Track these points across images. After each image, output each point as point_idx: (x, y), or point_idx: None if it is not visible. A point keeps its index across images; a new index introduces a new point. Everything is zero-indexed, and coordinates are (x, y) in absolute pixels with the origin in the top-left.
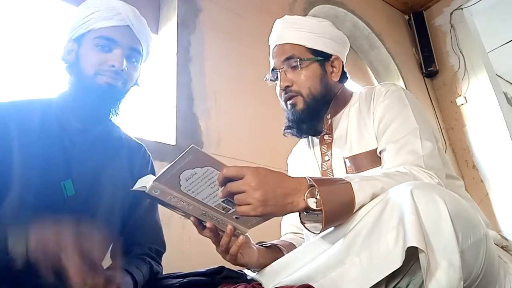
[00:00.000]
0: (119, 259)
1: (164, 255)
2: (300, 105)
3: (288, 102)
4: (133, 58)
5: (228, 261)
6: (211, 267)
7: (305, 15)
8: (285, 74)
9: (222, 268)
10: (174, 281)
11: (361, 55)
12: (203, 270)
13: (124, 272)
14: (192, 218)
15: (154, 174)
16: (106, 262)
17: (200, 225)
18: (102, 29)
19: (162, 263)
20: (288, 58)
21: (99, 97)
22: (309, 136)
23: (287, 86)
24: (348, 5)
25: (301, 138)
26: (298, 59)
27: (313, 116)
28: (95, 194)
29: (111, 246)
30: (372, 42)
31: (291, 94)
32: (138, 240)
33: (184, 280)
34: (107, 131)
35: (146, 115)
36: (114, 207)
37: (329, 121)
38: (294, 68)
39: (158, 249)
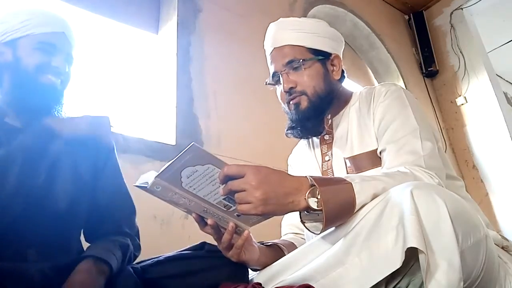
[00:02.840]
0: (93, 246)
1: (164, 254)
2: (304, 103)
3: (292, 102)
4: (69, 63)
5: (229, 258)
6: (193, 245)
7: (305, 15)
8: (288, 76)
9: (203, 244)
10: (160, 258)
11: (361, 55)
12: (185, 248)
13: (99, 260)
14: (194, 214)
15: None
16: (84, 245)
17: (201, 221)
18: (42, 34)
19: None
20: (290, 61)
21: (43, 93)
22: (310, 137)
23: (291, 88)
24: (348, 5)
25: (304, 138)
26: (301, 60)
27: (317, 114)
28: (46, 188)
29: (82, 231)
30: (372, 42)
31: (295, 95)
32: (109, 219)
33: (169, 254)
34: (48, 126)
35: (146, 115)
36: (70, 196)
37: (330, 121)
38: (296, 69)
39: (128, 221)
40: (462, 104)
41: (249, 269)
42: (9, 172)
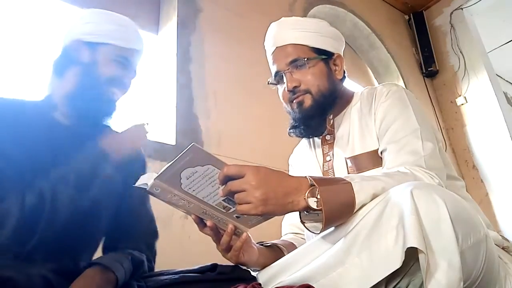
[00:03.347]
0: (104, 255)
1: (164, 254)
2: (308, 102)
3: (295, 101)
4: (133, 79)
5: (228, 259)
6: (204, 265)
7: (305, 15)
8: (291, 75)
9: (215, 265)
10: (165, 277)
11: (361, 55)
12: (196, 267)
13: (105, 269)
14: (193, 216)
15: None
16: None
17: (201, 223)
18: (122, 48)
19: (162, 262)
20: (294, 59)
21: (104, 104)
22: (312, 136)
23: (295, 87)
24: (348, 5)
25: (308, 138)
26: (306, 58)
27: (321, 113)
28: (82, 193)
29: (102, 241)
30: (372, 42)
31: (299, 94)
32: (128, 234)
33: (176, 277)
34: (96, 133)
35: (146, 115)
36: (98, 204)
37: (331, 121)
38: (300, 68)
39: (148, 242)
40: (462, 104)
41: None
42: (61, 192)
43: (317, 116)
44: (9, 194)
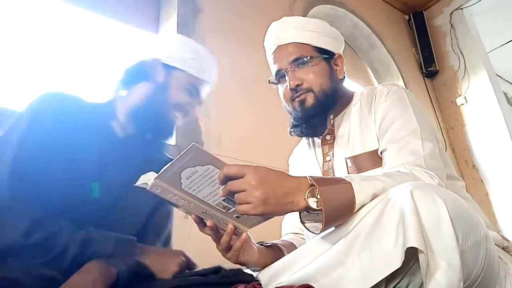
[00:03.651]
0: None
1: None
2: (311, 100)
3: (297, 100)
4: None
5: (228, 259)
6: (208, 267)
7: (305, 15)
8: (293, 73)
9: (218, 268)
10: (169, 280)
11: (361, 55)
12: (199, 270)
13: (106, 263)
14: (193, 215)
15: None
16: None
17: (201, 222)
18: (196, 78)
19: None
20: (297, 58)
21: (164, 126)
22: (314, 135)
23: (298, 85)
24: (348, 5)
25: (308, 137)
26: (309, 57)
27: (323, 112)
28: (117, 202)
29: None
30: (372, 42)
31: (302, 92)
32: (145, 242)
33: (179, 279)
34: (146, 148)
35: None
36: (132, 216)
37: (332, 121)
38: (303, 66)
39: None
40: (462, 104)
41: (249, 270)
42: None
43: (319, 115)
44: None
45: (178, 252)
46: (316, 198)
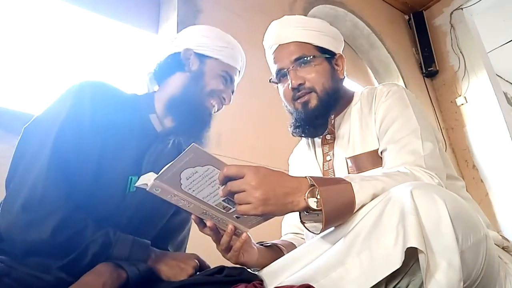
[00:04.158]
0: None
1: None
2: (314, 101)
3: (299, 101)
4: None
5: (228, 259)
6: (211, 269)
7: (305, 15)
8: (295, 72)
9: (222, 268)
10: (174, 280)
11: (361, 55)
12: (203, 271)
13: (116, 266)
14: (193, 216)
15: None
16: None
17: (201, 223)
18: (228, 65)
19: None
20: (299, 57)
21: (201, 113)
22: (316, 136)
23: (300, 84)
24: (348, 5)
25: (312, 138)
26: (311, 56)
27: (326, 112)
28: (148, 198)
29: None
30: (372, 42)
31: (304, 92)
32: (160, 244)
33: (183, 280)
34: (176, 147)
35: None
36: (159, 214)
37: (332, 121)
38: (305, 66)
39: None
40: (462, 104)
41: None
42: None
43: (322, 115)
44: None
45: (192, 256)
46: (316, 198)
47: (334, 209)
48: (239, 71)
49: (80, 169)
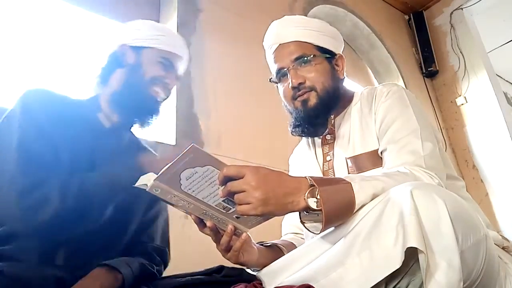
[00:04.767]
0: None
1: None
2: (313, 100)
3: (299, 99)
4: (175, 83)
5: (228, 259)
6: (211, 267)
7: (305, 15)
8: (296, 72)
9: (221, 267)
10: (173, 280)
11: (361, 55)
12: (202, 270)
13: (111, 268)
14: (193, 216)
15: None
16: None
17: (201, 223)
18: (166, 52)
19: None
20: (299, 57)
21: (146, 102)
22: (316, 135)
23: (300, 83)
24: (348, 5)
25: (309, 137)
26: (312, 55)
27: (326, 111)
28: (108, 194)
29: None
30: (372, 42)
31: (304, 91)
32: (143, 239)
33: (183, 279)
34: (132, 140)
35: None
36: (127, 208)
37: (332, 121)
38: (305, 65)
39: (159, 248)
40: (462, 104)
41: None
42: (90, 194)
43: (321, 114)
44: (49, 181)
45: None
46: (316, 198)
47: (334, 209)
48: (181, 57)
49: (42, 171)
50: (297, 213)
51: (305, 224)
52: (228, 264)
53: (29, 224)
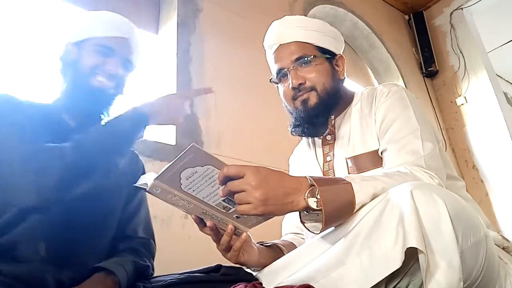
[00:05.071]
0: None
1: (163, 254)
2: (314, 100)
3: (299, 99)
4: (125, 68)
5: (228, 259)
6: (208, 266)
7: (305, 15)
8: (296, 72)
9: (219, 266)
10: (171, 277)
11: (361, 55)
12: (200, 268)
13: (109, 273)
14: (193, 215)
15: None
16: None
17: (201, 222)
18: (103, 38)
19: (162, 262)
20: (300, 57)
21: (92, 95)
22: (316, 135)
23: (301, 84)
24: (348, 5)
25: (309, 137)
26: (312, 56)
27: (326, 111)
28: (87, 193)
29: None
30: (372, 42)
31: (305, 91)
32: (127, 233)
33: (180, 277)
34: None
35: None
36: (107, 205)
37: (333, 121)
38: (305, 65)
39: (145, 241)
40: (462, 104)
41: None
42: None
43: (321, 114)
44: (20, 193)
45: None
46: (316, 198)
47: (334, 209)
48: (126, 38)
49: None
50: (297, 213)
51: (305, 224)
52: (227, 263)
53: None
